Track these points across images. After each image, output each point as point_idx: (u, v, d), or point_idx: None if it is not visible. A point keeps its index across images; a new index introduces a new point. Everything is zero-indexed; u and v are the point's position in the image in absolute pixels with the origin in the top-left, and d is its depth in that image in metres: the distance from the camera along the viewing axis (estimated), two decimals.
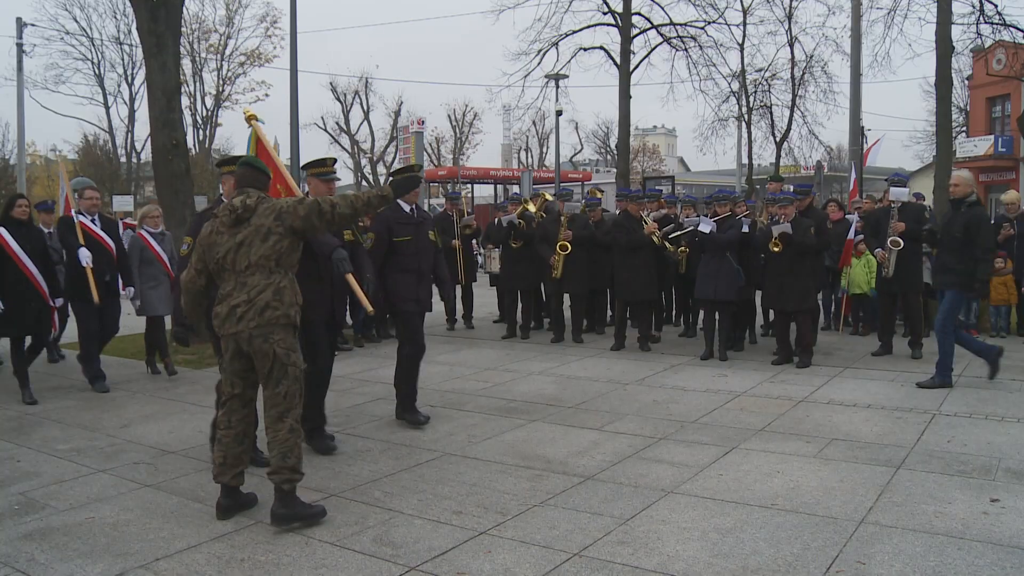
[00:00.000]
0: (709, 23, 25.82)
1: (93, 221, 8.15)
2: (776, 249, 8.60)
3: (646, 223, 9.78)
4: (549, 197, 11.55)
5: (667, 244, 9.78)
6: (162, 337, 8.86)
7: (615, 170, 28.07)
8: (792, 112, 29.66)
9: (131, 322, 9.57)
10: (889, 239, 8.91)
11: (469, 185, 37.17)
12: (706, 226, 9.16)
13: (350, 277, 5.58)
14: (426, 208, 29.09)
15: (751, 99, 30.16)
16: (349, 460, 5.64)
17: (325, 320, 5.80)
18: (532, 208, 11.00)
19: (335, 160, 6.24)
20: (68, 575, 3.87)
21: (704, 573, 3.76)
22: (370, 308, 5.66)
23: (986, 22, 18.37)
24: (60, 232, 8.16)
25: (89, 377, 8.18)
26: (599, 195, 12.11)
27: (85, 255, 7.85)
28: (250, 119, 6.20)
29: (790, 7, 28.18)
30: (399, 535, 4.28)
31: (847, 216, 11.16)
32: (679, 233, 9.99)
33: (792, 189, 9.69)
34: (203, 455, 5.83)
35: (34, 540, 4.30)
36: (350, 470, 5.42)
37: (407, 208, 6.51)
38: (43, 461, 5.74)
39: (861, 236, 10.30)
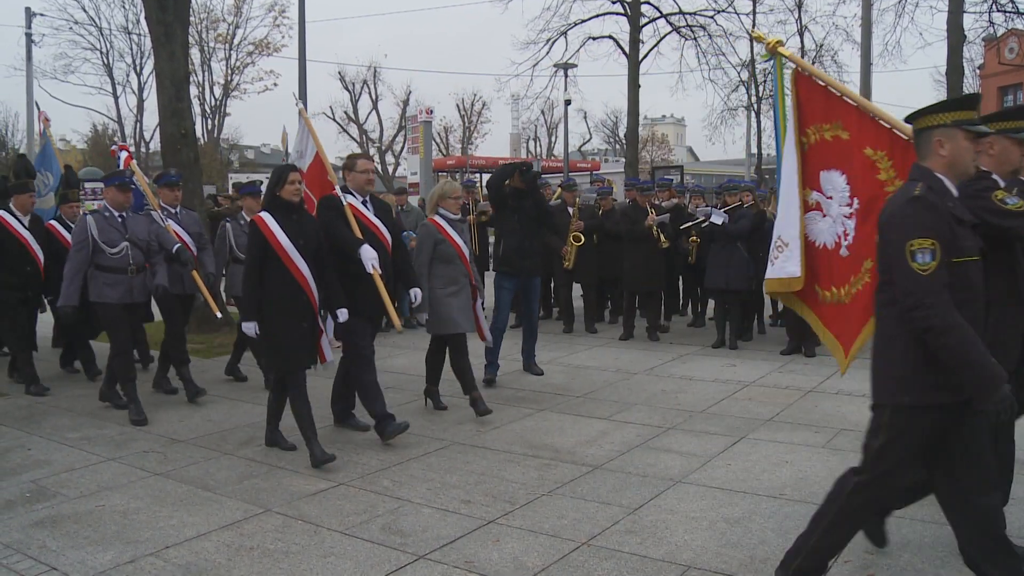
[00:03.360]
0: (718, 12, 25.71)
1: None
2: None
3: (651, 213, 9.75)
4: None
5: (662, 236, 9.70)
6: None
7: (624, 159, 28.00)
8: None
9: None
10: None
11: (478, 175, 37.13)
12: (718, 218, 9.15)
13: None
14: None
15: (760, 88, 30.02)
16: (358, 449, 5.65)
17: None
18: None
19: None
20: (79, 562, 3.89)
21: (712, 563, 3.76)
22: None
23: (999, 10, 18.26)
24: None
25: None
26: (612, 185, 12.10)
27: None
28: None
29: None
30: (408, 524, 4.29)
31: None
32: (690, 224, 9.93)
33: None
34: (212, 444, 5.86)
35: (45, 527, 4.33)
36: (359, 459, 5.43)
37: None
38: (54, 449, 5.78)
39: None
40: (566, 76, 28.10)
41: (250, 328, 5.39)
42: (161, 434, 6.14)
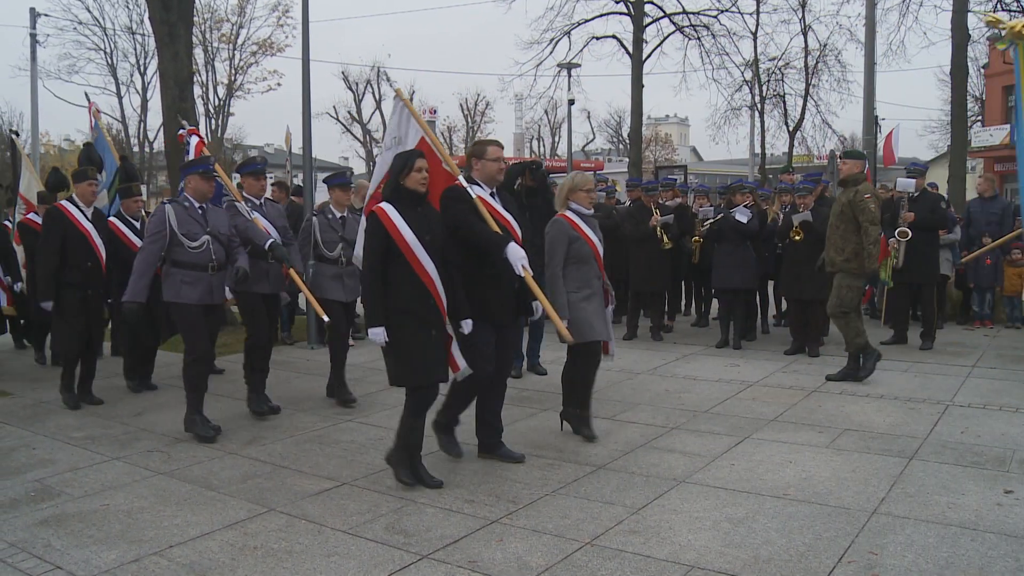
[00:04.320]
0: (722, 12, 25.73)
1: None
2: (797, 238, 8.58)
3: (655, 213, 9.75)
4: None
5: (665, 237, 9.70)
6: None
7: (627, 159, 27.99)
8: (805, 101, 29.51)
9: None
10: (897, 230, 8.88)
11: None
12: (743, 216, 9.15)
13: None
14: None
15: (764, 88, 30.01)
16: (362, 448, 5.65)
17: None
18: None
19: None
20: (83, 561, 3.90)
21: (716, 563, 3.76)
22: None
23: (1004, 9, 18.21)
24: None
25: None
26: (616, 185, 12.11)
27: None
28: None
29: None
30: (411, 523, 4.29)
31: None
32: (711, 221, 9.79)
33: (800, 179, 9.63)
34: (215, 443, 5.86)
35: (50, 526, 4.34)
36: (363, 458, 5.43)
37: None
38: (58, 449, 5.79)
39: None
40: (569, 76, 28.07)
41: (379, 335, 4.65)
42: (165, 433, 6.15)
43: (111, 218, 7.51)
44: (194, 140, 7.82)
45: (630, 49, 24.78)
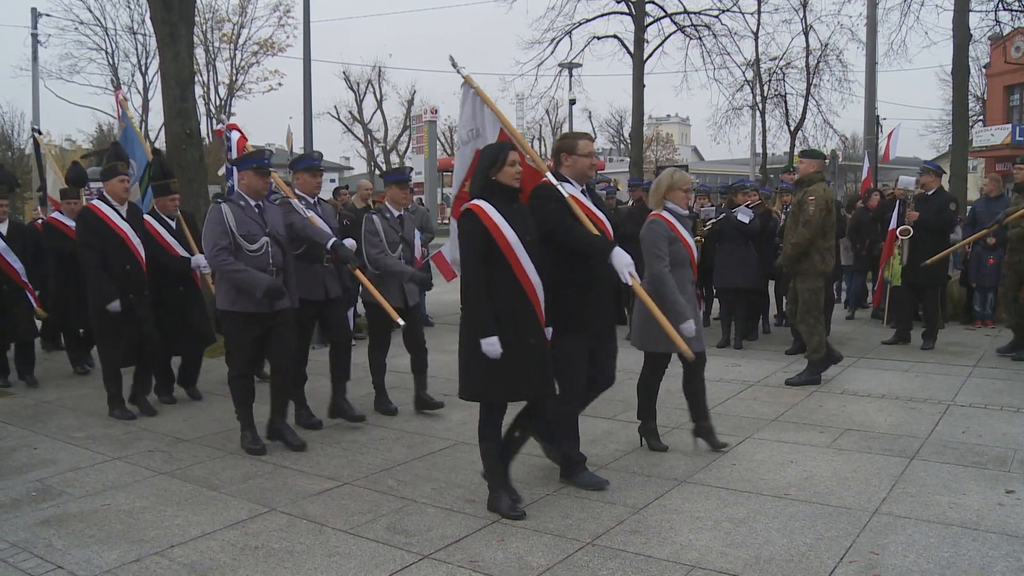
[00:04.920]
0: (723, 11, 25.69)
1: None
2: None
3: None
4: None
5: None
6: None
7: (628, 159, 27.99)
8: (807, 101, 29.50)
9: None
10: (900, 228, 8.88)
11: None
12: (745, 216, 9.16)
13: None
14: (439, 198, 29.07)
15: (765, 88, 30.04)
16: (363, 449, 5.65)
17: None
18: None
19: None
20: (84, 561, 3.90)
21: (717, 562, 3.76)
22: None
23: (1005, 9, 18.22)
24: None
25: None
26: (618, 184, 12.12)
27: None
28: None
29: None
30: (412, 523, 4.30)
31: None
32: (713, 221, 9.81)
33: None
34: (217, 443, 5.86)
35: (51, 526, 4.34)
36: (363, 459, 5.43)
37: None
38: (59, 449, 5.79)
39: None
40: (571, 76, 28.10)
41: (494, 346, 4.13)
42: (166, 433, 6.15)
43: (146, 216, 6.96)
44: (235, 135, 7.27)
45: (631, 49, 24.76)
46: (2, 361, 8.00)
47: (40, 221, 9.05)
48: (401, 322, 6.07)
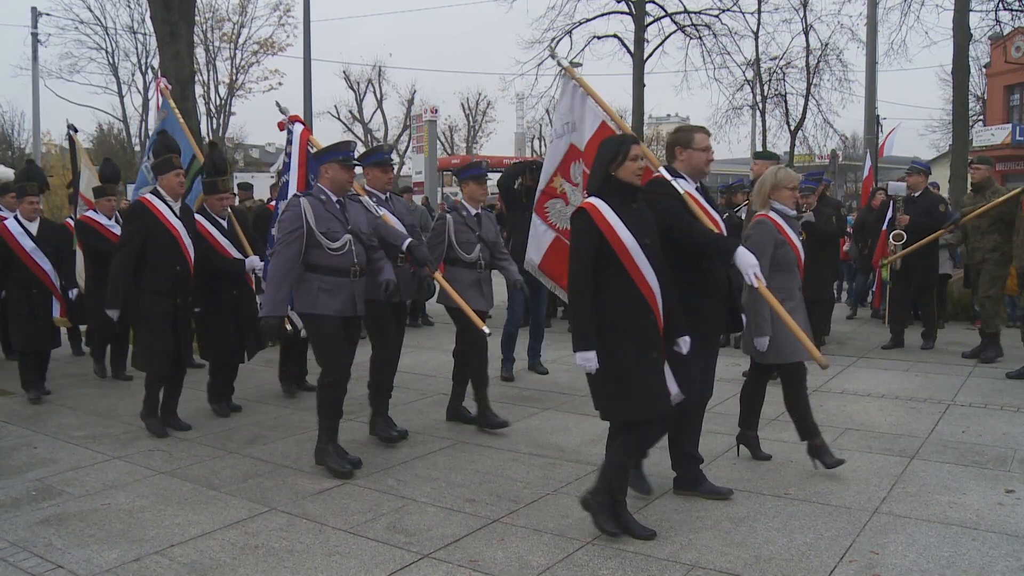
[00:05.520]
0: (723, 11, 25.74)
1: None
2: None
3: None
4: None
5: None
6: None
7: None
8: (807, 101, 29.48)
9: None
10: (892, 233, 8.88)
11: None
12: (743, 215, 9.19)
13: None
14: (440, 197, 29.05)
15: (765, 87, 30.01)
16: (362, 448, 5.65)
17: None
18: None
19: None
20: (84, 560, 3.90)
21: (716, 562, 3.76)
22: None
23: (1005, 8, 18.22)
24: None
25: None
26: None
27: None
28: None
29: None
30: (412, 523, 4.30)
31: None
32: None
33: (802, 179, 9.66)
34: (217, 442, 5.86)
35: (51, 525, 4.34)
36: (364, 458, 5.43)
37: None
38: (59, 448, 5.79)
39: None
40: None
41: (590, 360, 3.85)
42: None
43: (196, 216, 6.52)
44: (298, 128, 6.55)
45: (631, 48, 24.80)
46: (39, 371, 7.44)
47: (70, 220, 8.60)
48: (487, 330, 5.75)
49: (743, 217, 9.26)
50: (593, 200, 3.95)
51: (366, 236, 5.25)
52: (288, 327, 5.97)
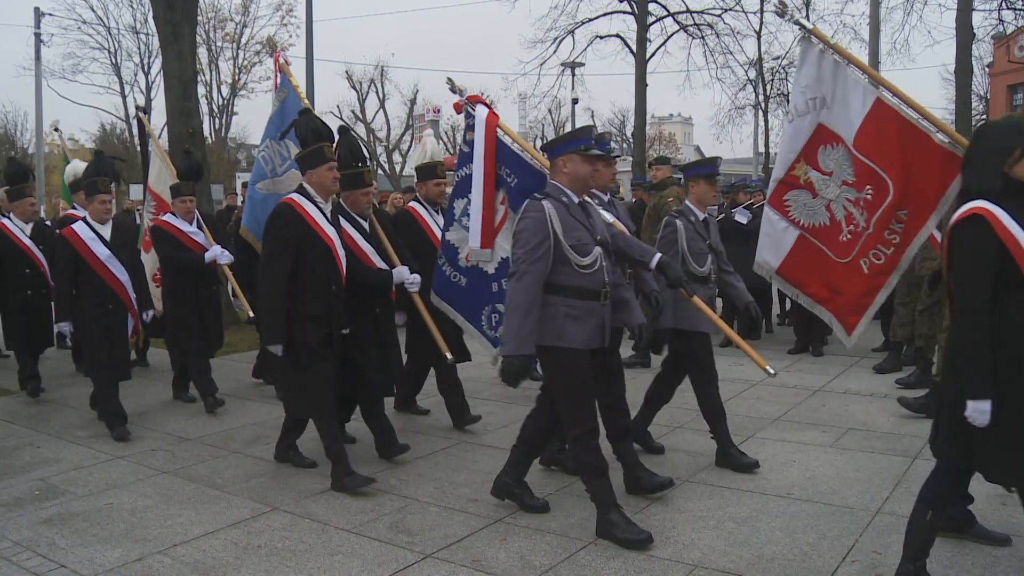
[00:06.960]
0: (726, 11, 25.63)
1: None
2: None
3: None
4: None
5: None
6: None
7: (631, 159, 27.98)
8: None
9: None
10: None
11: None
12: (742, 216, 9.18)
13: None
14: None
15: (768, 87, 29.94)
16: (365, 448, 5.65)
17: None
18: None
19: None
20: (87, 560, 3.91)
21: (719, 562, 3.76)
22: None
23: (1008, 8, 18.17)
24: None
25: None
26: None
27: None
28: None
29: None
30: (415, 522, 4.30)
31: None
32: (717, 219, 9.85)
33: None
34: (219, 442, 5.87)
35: (54, 525, 4.35)
36: (364, 458, 5.43)
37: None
38: (62, 448, 5.80)
39: None
40: (573, 75, 28.11)
41: (983, 414, 3.03)
42: (169, 432, 6.15)
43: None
44: (482, 111, 5.31)
45: (634, 48, 24.74)
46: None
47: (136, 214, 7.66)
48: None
49: (738, 217, 9.27)
50: (986, 205, 3.09)
51: (612, 247, 4.26)
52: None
